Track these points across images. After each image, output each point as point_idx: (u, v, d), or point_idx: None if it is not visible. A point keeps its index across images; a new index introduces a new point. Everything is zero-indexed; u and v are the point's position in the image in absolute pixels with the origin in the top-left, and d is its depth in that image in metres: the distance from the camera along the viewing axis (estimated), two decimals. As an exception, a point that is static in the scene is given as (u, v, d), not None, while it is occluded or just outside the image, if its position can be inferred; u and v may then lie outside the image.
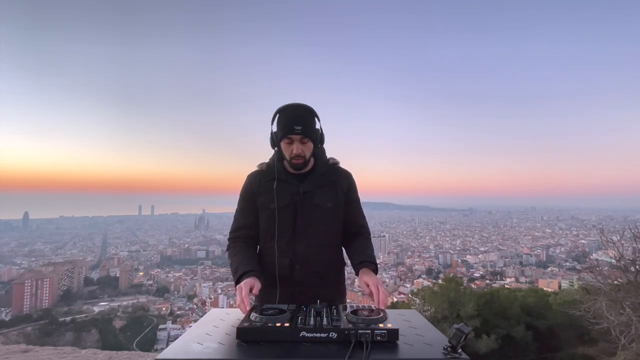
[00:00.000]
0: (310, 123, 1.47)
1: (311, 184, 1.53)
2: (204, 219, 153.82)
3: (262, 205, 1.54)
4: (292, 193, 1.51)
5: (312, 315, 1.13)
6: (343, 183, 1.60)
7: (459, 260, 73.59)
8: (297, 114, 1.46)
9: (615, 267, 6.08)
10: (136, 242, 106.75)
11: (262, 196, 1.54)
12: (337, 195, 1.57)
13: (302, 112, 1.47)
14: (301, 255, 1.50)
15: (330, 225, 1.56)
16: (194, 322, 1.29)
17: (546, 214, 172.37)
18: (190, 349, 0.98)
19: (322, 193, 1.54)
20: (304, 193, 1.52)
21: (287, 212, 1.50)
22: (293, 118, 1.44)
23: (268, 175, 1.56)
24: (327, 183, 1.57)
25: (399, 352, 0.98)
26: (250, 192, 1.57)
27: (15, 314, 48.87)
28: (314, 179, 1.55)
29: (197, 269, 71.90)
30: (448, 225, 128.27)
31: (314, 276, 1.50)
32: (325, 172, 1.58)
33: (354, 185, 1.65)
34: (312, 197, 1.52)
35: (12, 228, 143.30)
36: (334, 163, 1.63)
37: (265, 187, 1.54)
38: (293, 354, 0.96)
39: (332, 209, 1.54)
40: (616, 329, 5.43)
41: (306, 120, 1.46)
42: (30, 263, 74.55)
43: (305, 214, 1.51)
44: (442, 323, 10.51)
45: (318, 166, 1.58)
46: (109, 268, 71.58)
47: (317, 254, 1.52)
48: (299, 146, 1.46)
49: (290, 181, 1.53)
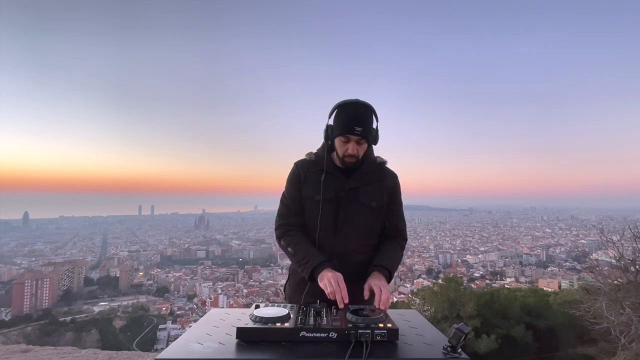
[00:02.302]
0: (370, 123, 1.44)
1: (357, 181, 1.51)
2: (204, 219, 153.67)
3: (307, 195, 1.52)
4: (338, 188, 1.49)
5: (312, 315, 1.13)
6: (389, 183, 1.57)
7: (459, 260, 73.55)
8: (359, 114, 1.42)
9: (615, 267, 6.08)
10: (136, 242, 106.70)
11: (308, 186, 1.51)
12: (382, 196, 1.54)
13: (364, 111, 1.43)
14: (340, 251, 1.48)
15: (372, 225, 1.54)
16: (194, 322, 1.29)
17: (546, 214, 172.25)
18: (190, 349, 0.98)
19: (367, 191, 1.52)
20: (349, 189, 1.49)
21: (330, 206, 1.48)
22: (354, 117, 1.41)
23: (316, 166, 1.53)
24: (373, 182, 1.54)
25: (399, 352, 0.98)
26: (297, 179, 1.55)
27: (15, 314, 48.86)
28: (361, 176, 1.52)
29: (197, 269, 71.88)
30: (448, 225, 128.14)
31: (351, 274, 1.43)
32: (372, 171, 1.55)
33: (399, 187, 1.62)
34: (356, 194, 1.50)
35: (12, 228, 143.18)
36: (382, 162, 1.60)
37: (312, 177, 1.52)
38: (293, 354, 0.96)
39: (375, 208, 1.52)
40: (616, 329, 5.42)
41: (367, 121, 1.43)
42: (30, 263, 74.54)
43: (348, 210, 1.49)
44: (442, 323, 10.52)
45: (366, 164, 1.54)
46: (109, 268, 71.56)
47: (356, 252, 1.50)
48: (355, 146, 1.44)
49: (337, 175, 1.51)
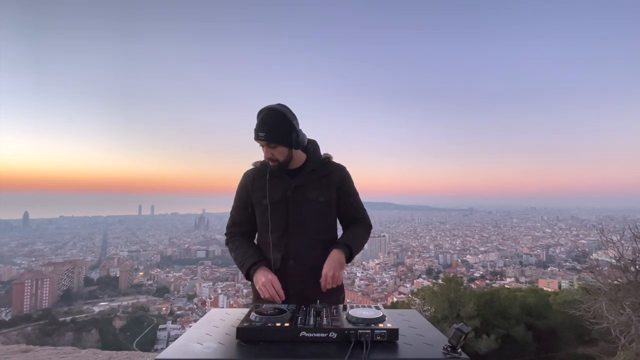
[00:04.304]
0: (278, 128, 1.46)
1: (303, 179, 1.56)
2: (204, 219, 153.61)
3: (256, 201, 1.59)
4: (284, 188, 1.54)
5: (312, 315, 1.13)
6: (335, 177, 1.61)
7: (459, 260, 73.50)
8: (263, 120, 1.46)
9: (615, 267, 6.06)
10: (136, 242, 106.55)
11: (256, 192, 1.59)
12: (330, 190, 1.58)
13: (269, 117, 1.46)
14: (294, 250, 1.52)
15: (324, 220, 1.58)
16: (194, 322, 1.30)
17: (546, 214, 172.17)
18: (190, 349, 0.99)
19: (314, 188, 1.56)
20: (295, 188, 1.54)
21: (279, 207, 1.54)
22: (259, 124, 1.46)
23: (262, 171, 1.59)
24: (319, 178, 1.58)
25: (398, 352, 0.98)
26: (244, 189, 1.63)
27: (15, 314, 48.82)
28: (306, 174, 1.57)
29: (197, 269, 71.85)
30: (448, 225, 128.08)
31: (308, 271, 1.50)
32: (317, 167, 1.60)
33: (347, 178, 1.65)
34: (304, 192, 1.54)
35: (12, 228, 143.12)
36: (327, 158, 1.64)
37: (258, 183, 1.59)
38: (293, 354, 0.96)
39: (324, 203, 1.57)
40: (616, 329, 5.42)
41: (272, 125, 1.45)
42: (30, 263, 74.44)
43: (297, 208, 1.53)
44: (442, 323, 10.51)
45: (310, 162, 1.60)
46: (109, 268, 71.50)
47: (311, 249, 1.53)
48: (269, 150, 1.50)
49: (282, 177, 1.56)
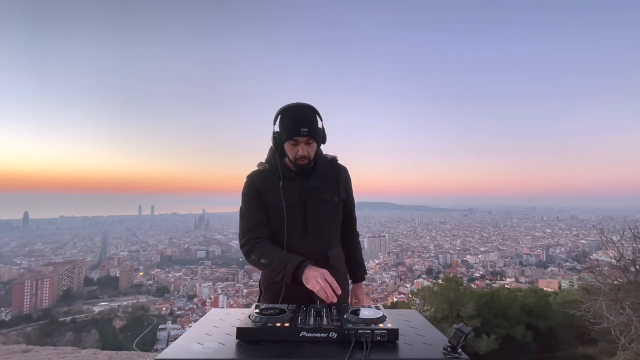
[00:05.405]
0: (315, 123, 1.47)
1: (317, 180, 1.55)
2: (204, 219, 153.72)
3: (270, 204, 1.51)
4: (300, 190, 1.52)
5: (312, 315, 1.13)
6: (343, 178, 1.65)
7: (459, 260, 73.56)
8: (302, 115, 1.43)
9: (615, 267, 6.08)
10: (136, 242, 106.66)
11: (269, 195, 1.51)
12: (340, 191, 1.61)
13: (307, 112, 1.45)
14: (314, 251, 1.50)
15: (338, 220, 1.62)
16: (194, 322, 1.29)
17: (546, 214, 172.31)
18: (190, 349, 0.98)
19: (328, 189, 1.57)
20: (312, 189, 1.53)
21: (296, 209, 1.50)
22: (299, 119, 1.42)
23: (272, 174, 1.53)
24: (331, 178, 1.59)
25: (399, 352, 0.98)
26: (255, 191, 1.52)
27: (15, 314, 48.85)
28: (319, 175, 1.56)
29: (197, 269, 71.87)
30: (448, 225, 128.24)
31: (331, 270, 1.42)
32: (328, 168, 1.60)
33: (350, 180, 1.71)
34: (320, 193, 1.54)
35: (12, 228, 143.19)
36: (333, 158, 1.65)
37: (271, 186, 1.51)
38: (293, 354, 0.96)
39: (337, 203, 1.60)
40: (616, 329, 5.43)
41: (311, 121, 1.45)
42: (30, 263, 74.53)
43: (315, 209, 1.52)
44: (442, 323, 10.52)
45: (320, 163, 1.58)
46: (109, 268, 71.52)
47: (330, 247, 1.56)
48: (305, 148, 1.45)
49: (295, 179, 1.53)
